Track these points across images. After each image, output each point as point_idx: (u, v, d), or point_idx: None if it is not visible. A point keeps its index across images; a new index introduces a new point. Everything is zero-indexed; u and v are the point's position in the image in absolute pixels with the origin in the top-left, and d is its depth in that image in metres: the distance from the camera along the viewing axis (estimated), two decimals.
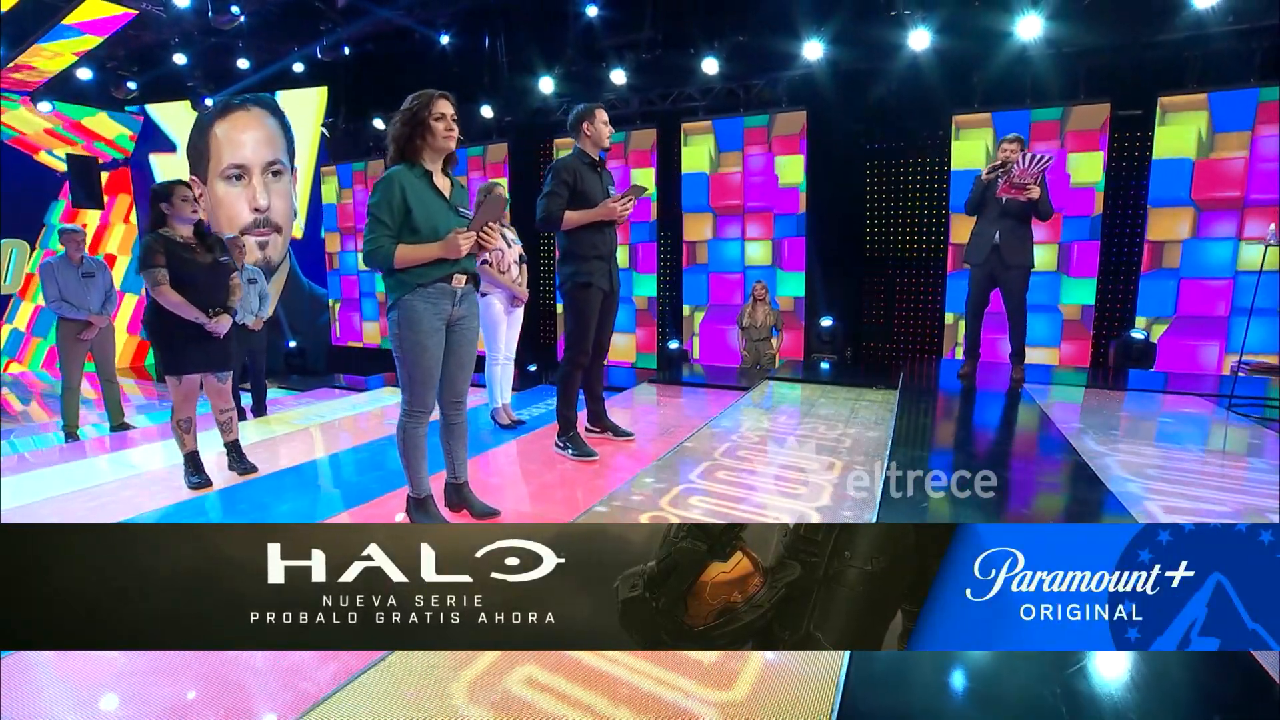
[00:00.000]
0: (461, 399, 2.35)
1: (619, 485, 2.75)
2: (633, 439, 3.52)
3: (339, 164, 9.26)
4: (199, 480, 3.20)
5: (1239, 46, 5.14)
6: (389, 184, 2.06)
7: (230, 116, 9.75)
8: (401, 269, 2.08)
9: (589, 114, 3.07)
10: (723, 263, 7.13)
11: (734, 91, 6.87)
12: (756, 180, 6.82)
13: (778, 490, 2.69)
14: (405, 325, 2.11)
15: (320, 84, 9.04)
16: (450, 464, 2.43)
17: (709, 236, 7.14)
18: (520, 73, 7.43)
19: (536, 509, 2.62)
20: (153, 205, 3.07)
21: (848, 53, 6.09)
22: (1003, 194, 3.98)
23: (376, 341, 9.53)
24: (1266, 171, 5.21)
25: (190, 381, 3.17)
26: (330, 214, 9.61)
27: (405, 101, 2.14)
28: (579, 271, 3.05)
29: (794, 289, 6.83)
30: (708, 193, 7.06)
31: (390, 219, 2.06)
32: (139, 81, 8.53)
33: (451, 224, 2.14)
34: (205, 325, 3.07)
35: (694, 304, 7.36)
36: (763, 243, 6.92)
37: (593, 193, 3.03)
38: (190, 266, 3.04)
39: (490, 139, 8.04)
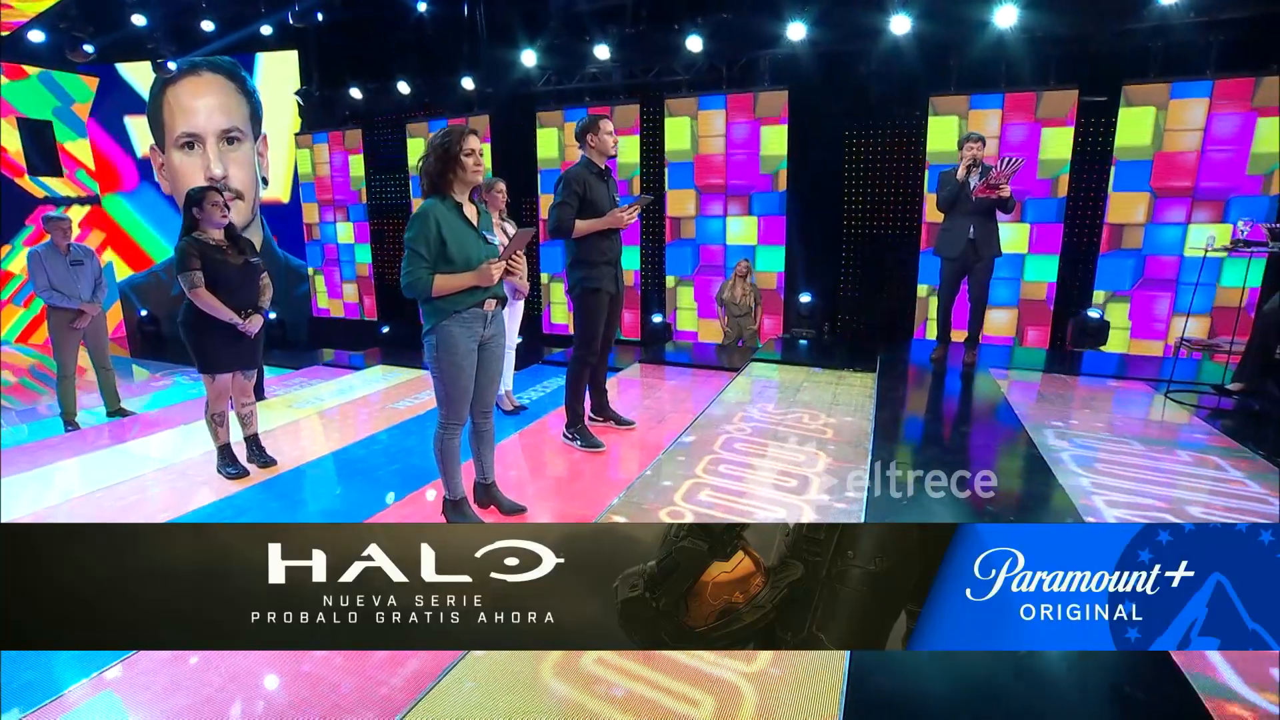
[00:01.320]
0: (490, 409, 2.57)
1: (627, 478, 3.02)
2: (634, 426, 3.78)
3: (314, 132, 9.04)
4: (235, 471, 3.40)
5: (1198, 39, 5.40)
6: (425, 219, 2.21)
7: (181, 83, 9.43)
8: (438, 297, 2.26)
9: (593, 125, 3.21)
10: (706, 237, 7.30)
11: (716, 68, 6.91)
12: (739, 158, 6.94)
13: (774, 485, 2.98)
14: (443, 349, 2.30)
15: (291, 48, 8.75)
16: (479, 466, 2.66)
17: (693, 213, 7.29)
18: (501, 43, 7.33)
19: (558, 505, 2.87)
20: (185, 210, 3.18)
21: (830, 34, 6.18)
22: (979, 194, 4.24)
23: (357, 308, 9.53)
24: (1218, 159, 5.55)
25: (224, 379, 3.34)
26: (308, 186, 9.43)
27: (435, 136, 2.26)
28: (588, 277, 3.24)
29: (775, 264, 7.05)
30: (691, 171, 7.16)
31: (427, 251, 2.22)
32: (95, 44, 8.14)
33: (481, 252, 2.31)
34: (239, 326, 3.21)
35: (678, 274, 7.54)
36: (745, 219, 7.10)
37: (600, 201, 3.19)
38: (224, 268, 3.17)
39: (471, 110, 7.95)
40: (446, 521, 2.55)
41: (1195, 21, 5.31)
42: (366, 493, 3.09)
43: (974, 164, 4.29)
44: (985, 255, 4.43)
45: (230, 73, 9.40)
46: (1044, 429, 3.49)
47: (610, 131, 3.23)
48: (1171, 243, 5.81)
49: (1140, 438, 3.40)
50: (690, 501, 2.77)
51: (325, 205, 9.40)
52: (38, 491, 3.38)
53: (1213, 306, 5.67)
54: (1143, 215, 5.90)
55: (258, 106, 9.53)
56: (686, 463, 3.18)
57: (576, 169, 3.20)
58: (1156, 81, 5.63)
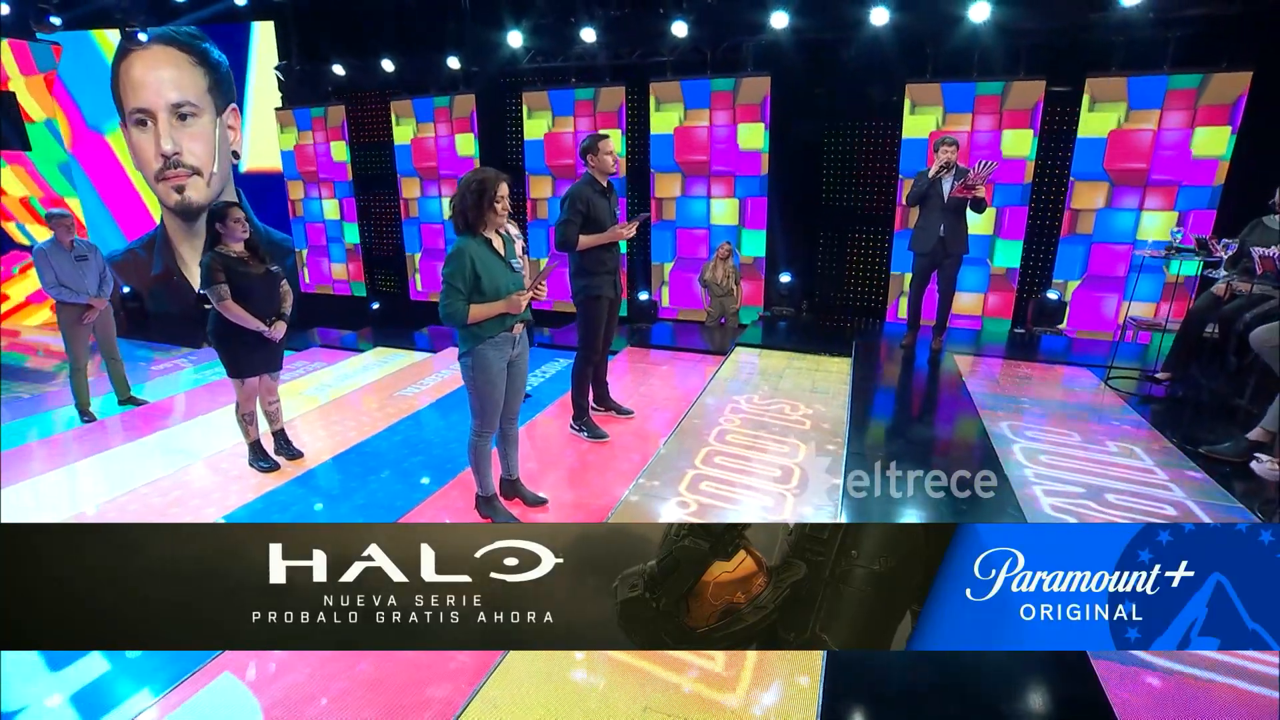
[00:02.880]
0: (515, 415, 2.90)
1: (631, 466, 3.39)
2: (632, 415, 4.15)
3: (295, 108, 8.95)
4: (267, 465, 3.70)
5: (1157, 35, 5.72)
6: (461, 256, 2.49)
7: (131, 57, 9.19)
8: (474, 324, 2.55)
9: (593, 145, 3.46)
10: (690, 219, 7.56)
11: (700, 50, 7.04)
12: (721, 146, 7.15)
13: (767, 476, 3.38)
14: (478, 370, 2.61)
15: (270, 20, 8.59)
16: (505, 464, 3.00)
17: (677, 194, 7.52)
18: (485, 23, 7.34)
19: (574, 495, 3.23)
20: (208, 226, 3.39)
21: (811, 22, 6.37)
22: (956, 194, 4.58)
23: (347, 284, 9.62)
24: (1170, 152, 5.95)
25: (252, 382, 3.60)
26: (289, 160, 9.37)
27: (469, 178, 2.51)
28: (591, 285, 3.54)
29: (756, 248, 7.36)
30: (673, 152, 7.36)
31: (463, 285, 2.50)
32: (63, 16, 7.91)
33: (510, 281, 2.59)
34: (264, 333, 3.45)
35: (661, 260, 7.81)
36: (728, 201, 7.36)
37: (602, 217, 3.47)
38: (247, 279, 3.39)
39: (457, 90, 7.97)
40: (479, 515, 2.91)
41: (1154, 19, 5.63)
42: (401, 484, 3.41)
43: (948, 166, 4.62)
44: (954, 251, 4.81)
45: (185, 44, 9.10)
46: (998, 419, 3.94)
47: (610, 151, 3.48)
48: (1125, 229, 6.24)
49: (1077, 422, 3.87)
50: (693, 492, 3.15)
51: (310, 181, 9.36)
52: (82, 488, 3.64)
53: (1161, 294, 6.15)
54: (1100, 201, 6.31)
55: (222, 78, 9.29)
56: (685, 453, 3.56)
57: (580, 186, 3.46)
58: (1117, 75, 5.97)
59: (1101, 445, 3.56)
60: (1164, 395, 4.23)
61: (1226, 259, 3.89)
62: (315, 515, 3.19)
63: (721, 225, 7.41)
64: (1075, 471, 3.26)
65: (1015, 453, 3.48)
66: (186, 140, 9.43)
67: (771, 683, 1.98)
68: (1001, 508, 2.83)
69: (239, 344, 3.48)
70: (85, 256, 4.95)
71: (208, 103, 9.35)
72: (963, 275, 6.48)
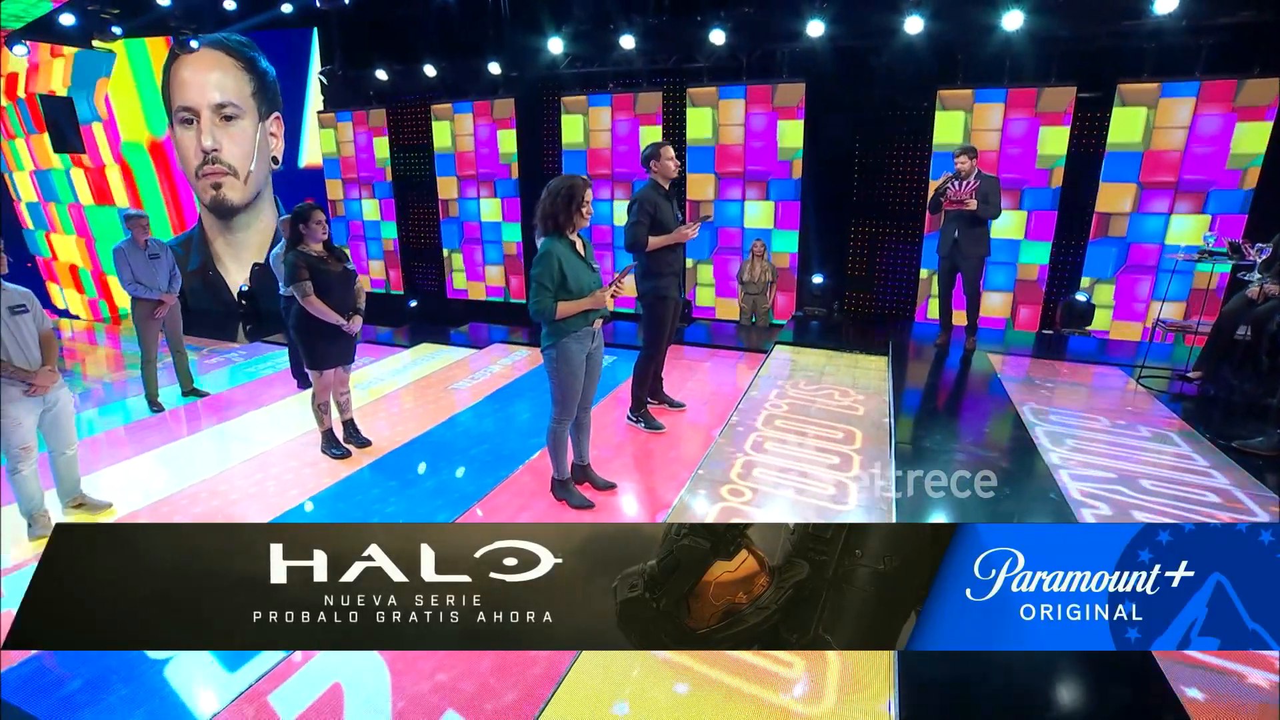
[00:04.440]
0: (590, 405, 3.11)
1: (690, 453, 3.60)
2: (684, 408, 4.36)
3: (338, 111, 9.25)
4: (339, 452, 3.94)
5: (1188, 43, 5.85)
6: (549, 257, 2.70)
7: (182, 59, 9.64)
8: (560, 319, 2.77)
9: (655, 152, 3.67)
10: (724, 220, 7.76)
11: (736, 58, 7.24)
12: (757, 145, 7.35)
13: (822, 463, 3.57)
14: (562, 361, 2.82)
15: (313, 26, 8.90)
16: (578, 450, 3.22)
17: (711, 197, 7.72)
18: (525, 29, 7.58)
19: (641, 479, 3.44)
20: (291, 226, 3.62)
21: (846, 30, 6.55)
22: (946, 206, 4.83)
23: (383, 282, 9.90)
24: (1200, 155, 6.06)
25: (328, 373, 3.83)
26: (332, 163, 9.67)
27: (558, 183, 2.72)
28: (659, 287, 3.76)
29: (788, 246, 7.55)
30: (713, 159, 7.56)
31: (551, 283, 2.71)
32: (123, 26, 8.27)
33: (590, 280, 2.81)
34: (343, 327, 3.69)
35: (696, 258, 8.00)
36: (762, 203, 7.54)
37: (666, 220, 3.68)
38: (327, 277, 3.63)
39: (496, 94, 8.22)
40: (554, 497, 3.13)
41: (1186, 26, 5.75)
42: (471, 471, 3.64)
43: (956, 176, 4.84)
44: (971, 255, 4.98)
45: (234, 50, 9.52)
46: (1026, 409, 4.10)
47: (671, 157, 3.69)
48: (1154, 231, 6.36)
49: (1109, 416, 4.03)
50: (744, 479, 3.35)
51: (350, 183, 9.66)
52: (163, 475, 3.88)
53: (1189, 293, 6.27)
54: (1129, 205, 6.43)
55: (267, 86, 9.65)
56: (736, 441, 3.76)
57: (646, 191, 3.67)
58: (1149, 81, 6.09)
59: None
60: (1196, 394, 4.37)
61: (1260, 262, 4.03)
62: (394, 500, 3.40)
63: (754, 228, 7.61)
64: (1105, 457, 3.47)
65: (1043, 439, 3.65)
66: (226, 140, 9.81)
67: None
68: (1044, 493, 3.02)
69: (319, 337, 3.72)
70: (157, 255, 5.24)
71: (251, 106, 9.70)
72: (991, 276, 6.68)
